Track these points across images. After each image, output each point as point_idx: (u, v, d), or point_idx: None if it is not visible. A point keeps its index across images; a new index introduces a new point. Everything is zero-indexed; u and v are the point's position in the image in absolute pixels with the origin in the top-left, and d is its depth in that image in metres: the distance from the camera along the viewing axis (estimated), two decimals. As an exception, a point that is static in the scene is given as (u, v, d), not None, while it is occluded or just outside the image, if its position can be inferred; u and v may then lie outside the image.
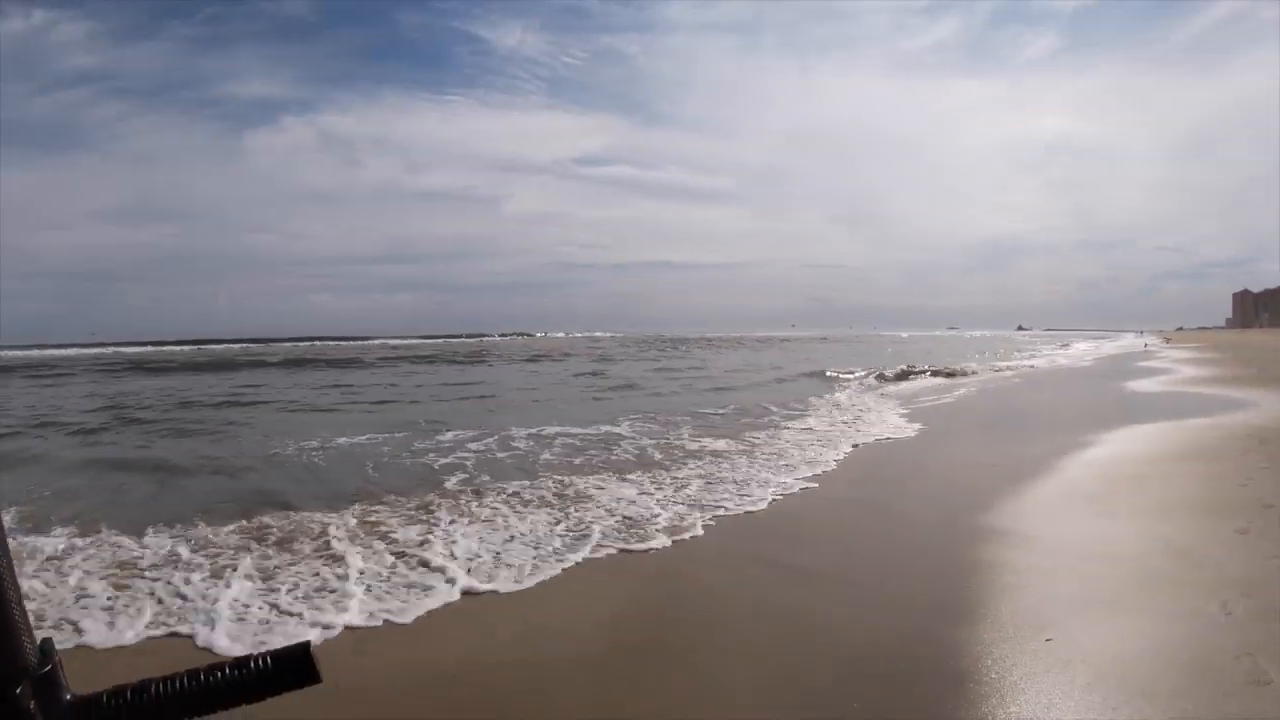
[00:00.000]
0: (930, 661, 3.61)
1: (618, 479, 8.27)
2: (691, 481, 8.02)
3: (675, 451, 10.00)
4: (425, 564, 5.40)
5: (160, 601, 4.73)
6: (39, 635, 0.60)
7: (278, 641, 3.25)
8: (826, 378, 22.57)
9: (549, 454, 10.09)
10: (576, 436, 11.54)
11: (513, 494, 7.55)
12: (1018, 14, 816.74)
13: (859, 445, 10.34)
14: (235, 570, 5.26)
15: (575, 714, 3.38)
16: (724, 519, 6.52)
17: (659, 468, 8.89)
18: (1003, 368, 27.64)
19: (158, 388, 22.34)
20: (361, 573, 5.18)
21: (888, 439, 10.96)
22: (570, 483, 7.99)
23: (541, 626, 4.32)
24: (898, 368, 25.63)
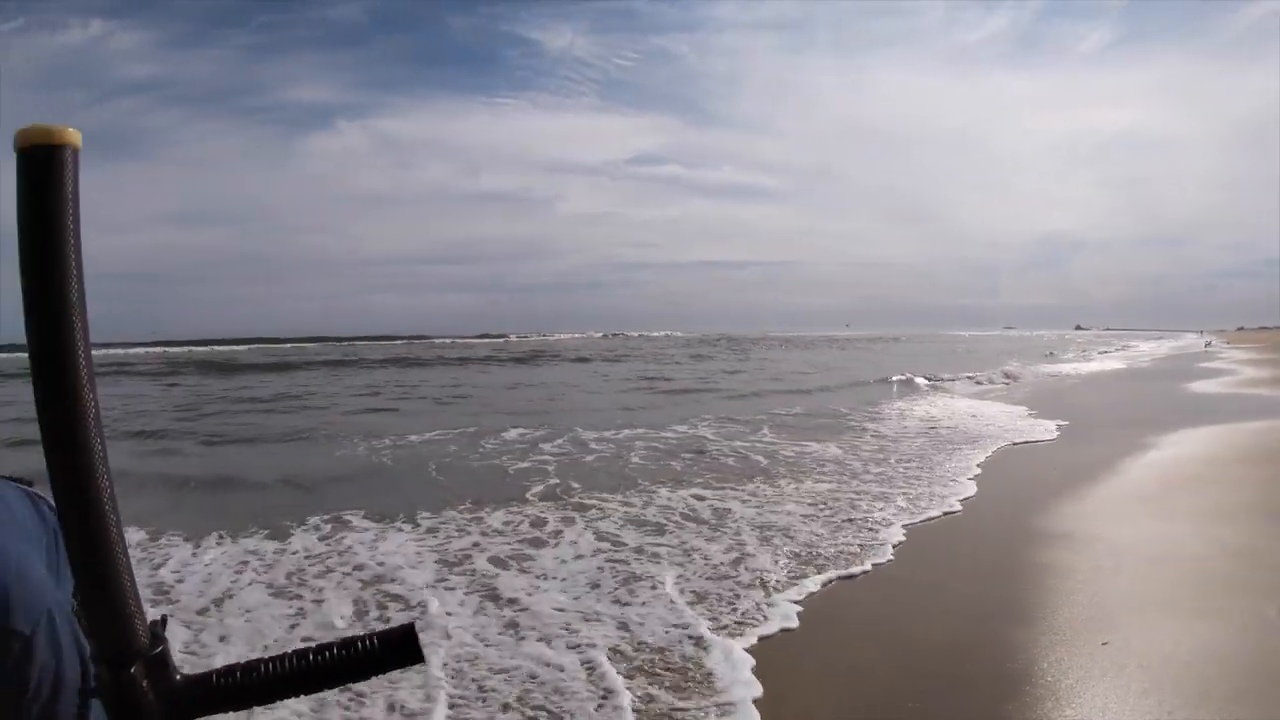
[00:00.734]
0: (987, 662, 3.57)
1: (737, 489, 7.32)
2: (823, 493, 7.05)
3: (778, 457, 9.10)
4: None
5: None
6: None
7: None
8: (908, 383, 20.71)
9: (637, 458, 9.34)
10: (657, 439, 10.77)
11: (663, 506, 6.74)
12: (1069, 9, 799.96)
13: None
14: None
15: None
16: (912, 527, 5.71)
17: (773, 476, 7.93)
18: (1062, 370, 25.95)
19: (222, 387, 22.15)
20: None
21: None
22: (702, 495, 7.09)
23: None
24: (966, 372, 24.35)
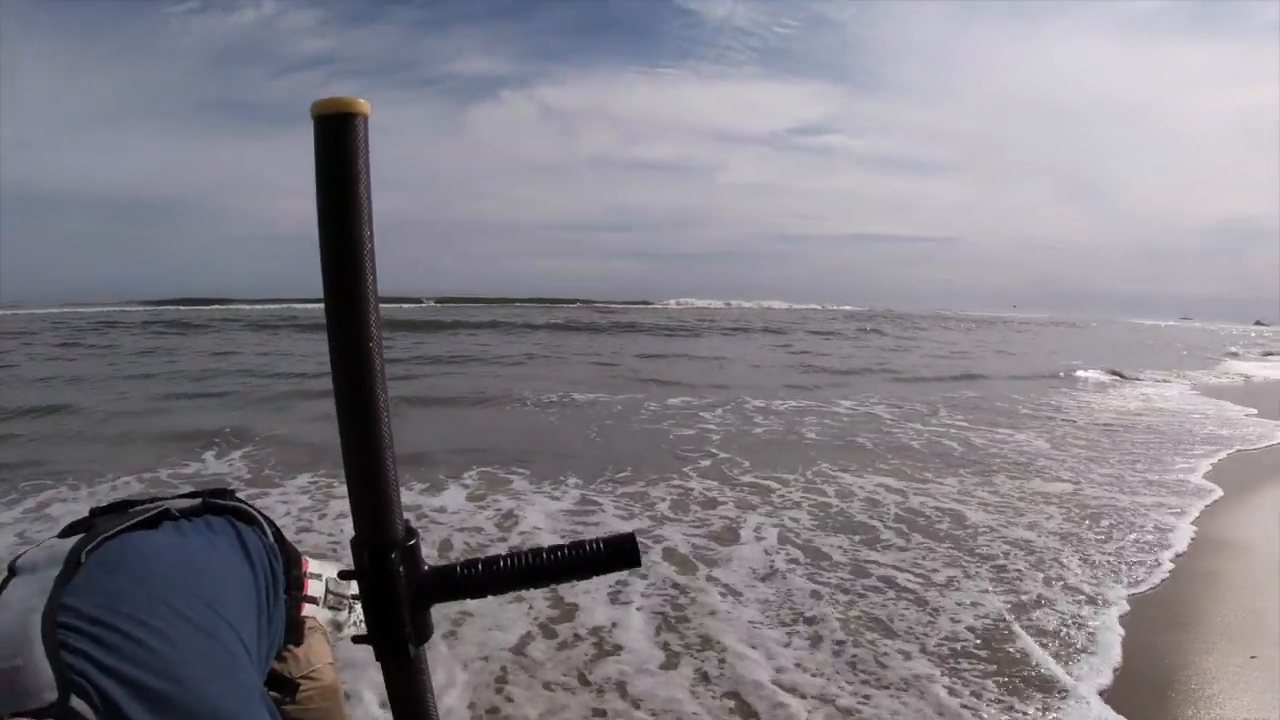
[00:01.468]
0: (1133, 664, 3.36)
1: (939, 480, 6.35)
2: (1062, 496, 5.98)
3: (971, 444, 8.02)
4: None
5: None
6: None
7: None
8: (1096, 372, 17.54)
9: (811, 433, 8.53)
10: (828, 414, 9.97)
11: (865, 500, 5.73)
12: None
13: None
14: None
15: None
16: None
17: (984, 470, 6.81)
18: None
19: (398, 345, 21.53)
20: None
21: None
22: (900, 488, 6.09)
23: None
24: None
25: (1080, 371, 17.36)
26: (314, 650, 1.31)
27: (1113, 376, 16.98)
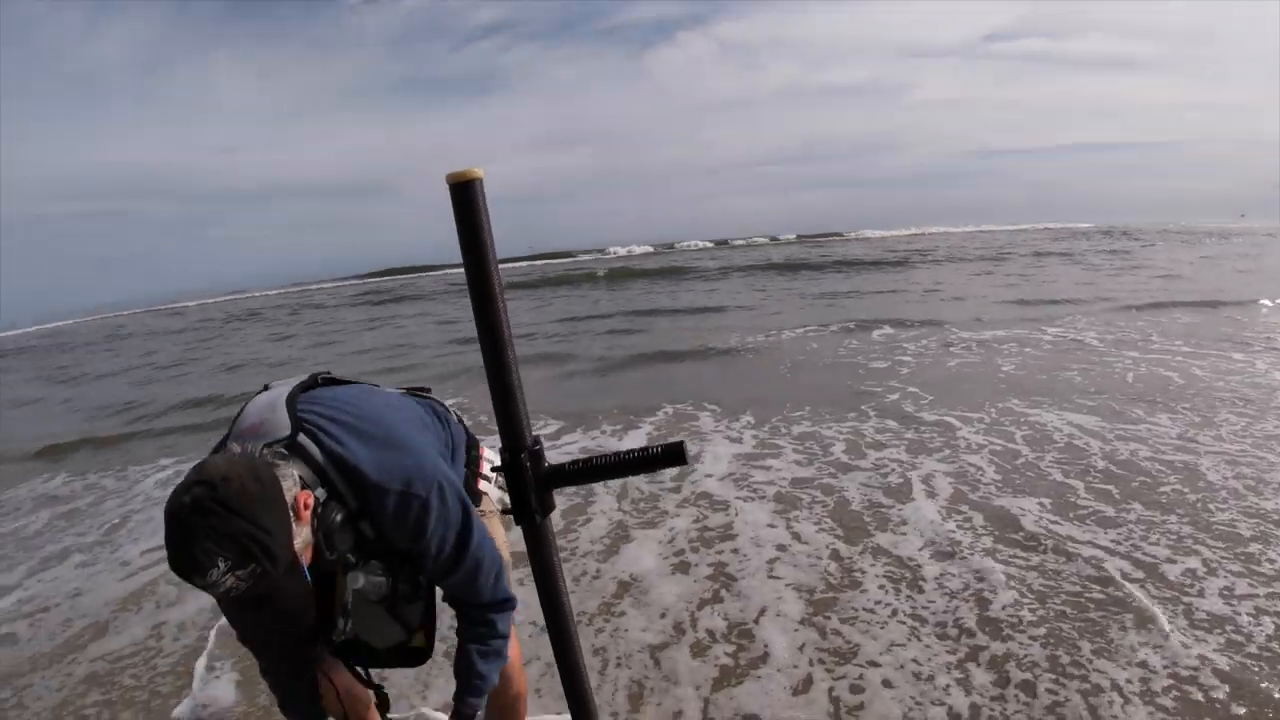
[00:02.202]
0: None
1: (1169, 419, 5.39)
2: None
3: (1193, 373, 6.79)
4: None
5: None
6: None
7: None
8: None
9: (1011, 365, 7.70)
10: (1029, 342, 9.04)
11: (1061, 450, 4.89)
12: None
13: None
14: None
15: None
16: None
17: (1197, 400, 5.81)
18: None
19: (616, 297, 21.68)
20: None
21: None
22: (1101, 432, 5.20)
23: None
24: None
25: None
26: (492, 528, 1.76)
27: None
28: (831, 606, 3.21)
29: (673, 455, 1.07)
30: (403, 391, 1.82)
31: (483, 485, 1.83)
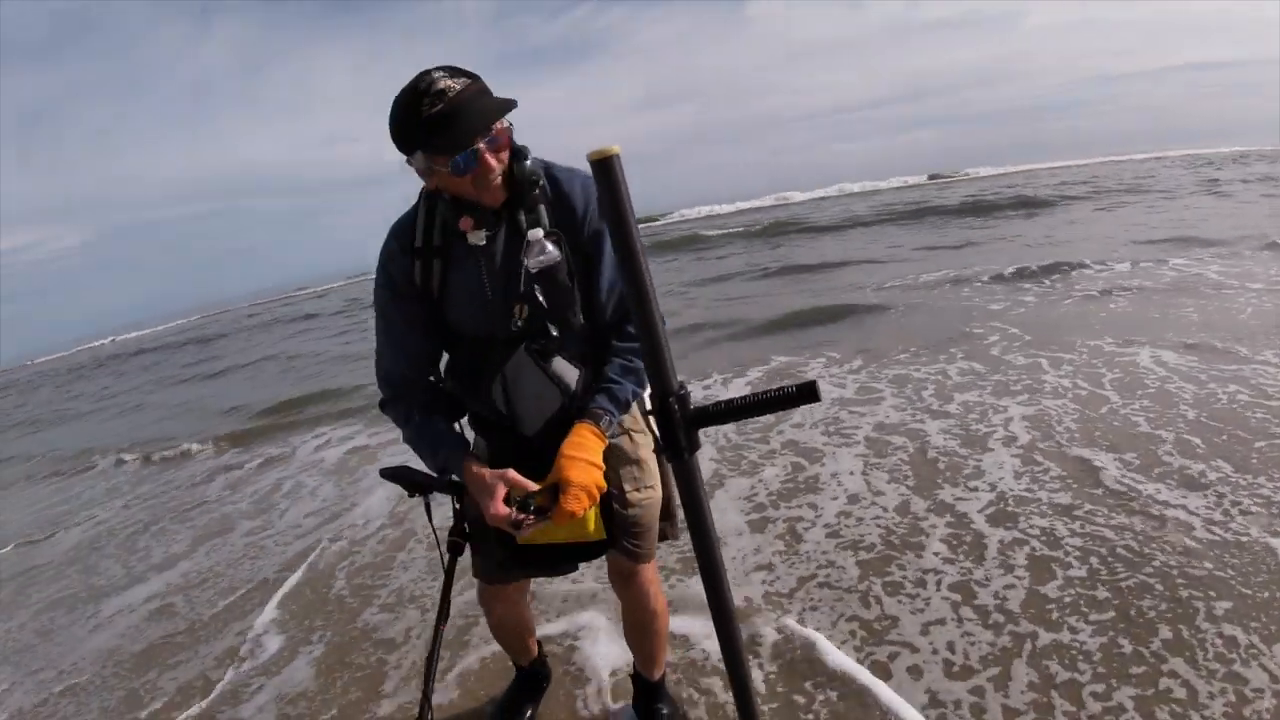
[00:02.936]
0: None
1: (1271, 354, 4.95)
2: None
3: None
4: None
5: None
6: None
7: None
8: None
9: (1122, 302, 7.20)
10: (1150, 275, 8.27)
11: (1149, 390, 4.72)
12: None
13: None
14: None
15: None
16: None
17: None
18: None
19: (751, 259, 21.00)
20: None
21: None
22: (1198, 370, 4.85)
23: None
24: None
25: None
26: (652, 466, 1.92)
27: None
28: (882, 571, 3.10)
29: (807, 393, 1.13)
30: None
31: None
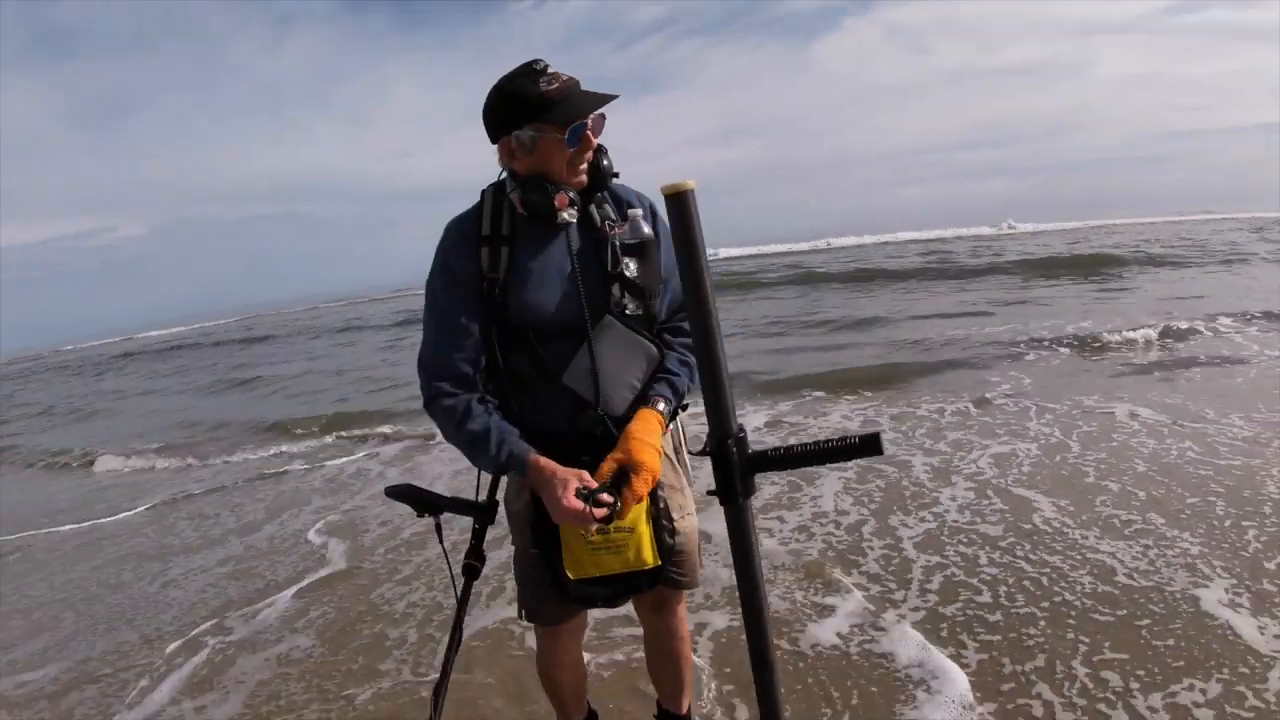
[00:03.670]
0: None
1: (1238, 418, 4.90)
2: None
3: None
4: None
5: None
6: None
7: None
8: None
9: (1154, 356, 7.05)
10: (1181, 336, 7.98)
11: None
12: None
13: None
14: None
15: None
16: None
17: None
18: None
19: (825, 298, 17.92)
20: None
21: None
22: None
23: None
24: None
25: None
26: (690, 492, 1.86)
27: None
28: (810, 583, 3.37)
29: (870, 445, 1.06)
30: None
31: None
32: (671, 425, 1.79)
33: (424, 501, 1.71)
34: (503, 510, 1.83)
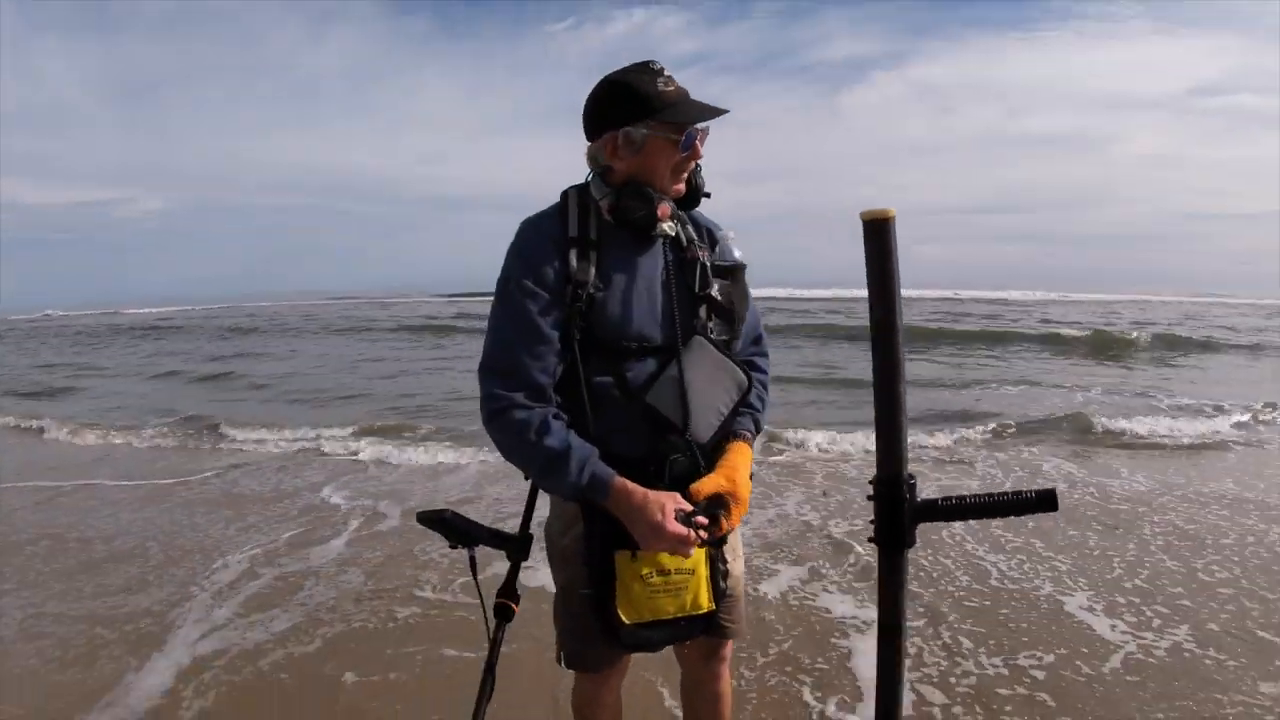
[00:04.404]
0: None
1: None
2: None
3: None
4: None
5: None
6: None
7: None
8: None
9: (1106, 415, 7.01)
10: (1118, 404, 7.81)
11: None
12: None
13: None
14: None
15: None
16: None
17: None
18: None
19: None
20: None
21: None
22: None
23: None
24: None
25: None
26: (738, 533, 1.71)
27: None
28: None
29: (1045, 501, 1.00)
30: None
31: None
32: None
33: (459, 530, 1.48)
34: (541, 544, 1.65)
